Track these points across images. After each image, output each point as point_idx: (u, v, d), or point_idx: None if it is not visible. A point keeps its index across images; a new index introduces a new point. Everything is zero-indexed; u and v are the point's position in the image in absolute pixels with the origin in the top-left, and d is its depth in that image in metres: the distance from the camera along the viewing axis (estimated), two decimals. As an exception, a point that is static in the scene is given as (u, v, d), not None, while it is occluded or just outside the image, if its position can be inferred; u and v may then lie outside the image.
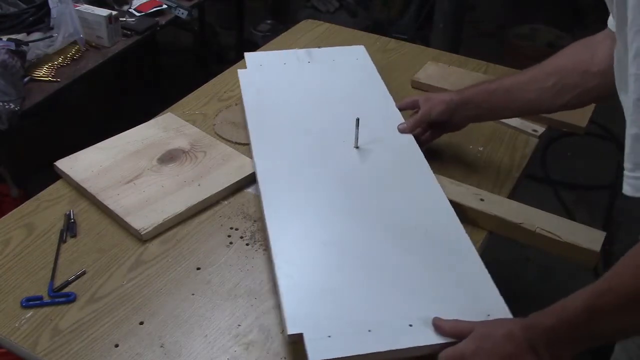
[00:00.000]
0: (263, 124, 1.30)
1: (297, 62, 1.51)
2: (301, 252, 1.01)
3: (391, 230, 1.05)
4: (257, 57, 1.52)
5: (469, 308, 0.91)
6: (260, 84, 1.42)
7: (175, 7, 2.20)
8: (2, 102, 1.59)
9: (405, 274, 0.97)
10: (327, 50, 1.58)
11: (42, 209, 1.16)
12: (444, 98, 1.24)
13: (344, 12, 3.61)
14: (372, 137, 1.25)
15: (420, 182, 1.17)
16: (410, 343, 0.86)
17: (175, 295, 1.00)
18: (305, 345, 0.85)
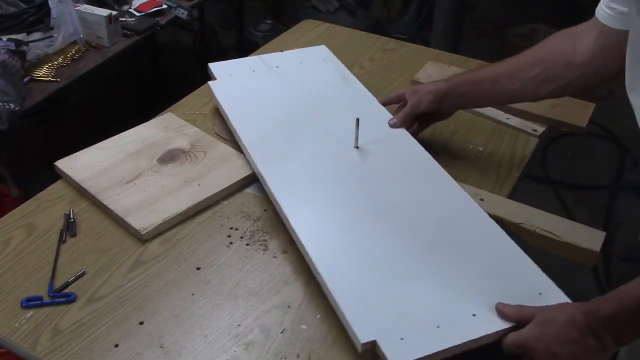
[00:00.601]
0: (254, 131, 1.26)
1: (266, 68, 1.47)
2: (341, 259, 0.99)
3: (418, 226, 1.06)
4: (223, 67, 1.46)
5: (519, 289, 0.93)
6: (237, 92, 1.38)
7: (175, 7, 2.20)
8: (2, 102, 1.59)
9: (448, 266, 0.98)
10: (291, 53, 1.55)
11: (42, 209, 1.16)
12: (431, 88, 1.25)
13: (344, 12, 3.61)
14: (369, 136, 1.24)
15: (430, 175, 1.18)
16: (480, 332, 0.87)
17: (175, 295, 1.00)
18: (383, 351, 0.85)
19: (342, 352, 0.92)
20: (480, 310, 0.90)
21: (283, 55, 1.54)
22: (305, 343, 0.93)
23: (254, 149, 1.21)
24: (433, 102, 1.24)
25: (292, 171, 1.17)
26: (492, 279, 0.96)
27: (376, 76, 1.60)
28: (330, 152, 1.22)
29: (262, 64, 1.48)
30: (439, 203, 1.11)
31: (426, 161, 1.21)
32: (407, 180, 1.16)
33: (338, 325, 0.95)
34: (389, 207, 1.09)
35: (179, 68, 3.38)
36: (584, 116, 1.42)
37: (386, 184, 1.15)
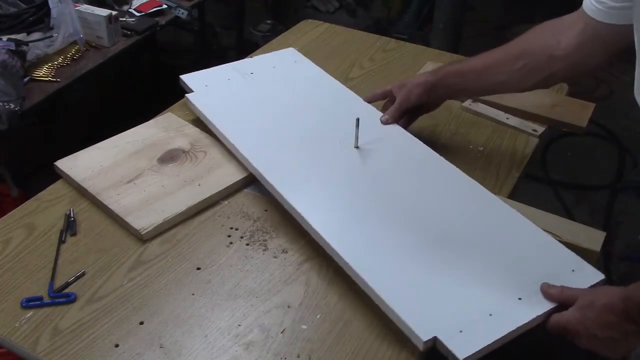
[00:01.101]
0: (247, 138, 1.24)
1: (240, 75, 1.45)
2: (378, 261, 0.99)
3: (438, 219, 1.07)
4: (197, 77, 1.43)
5: (552, 269, 0.97)
6: (218, 101, 1.36)
7: (175, 7, 2.20)
8: (2, 102, 1.59)
9: (479, 255, 1.00)
10: (262, 59, 1.54)
11: (42, 209, 1.16)
12: (419, 81, 1.26)
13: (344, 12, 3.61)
14: (365, 134, 1.24)
15: (436, 167, 1.20)
16: (530, 315, 0.90)
17: (176, 295, 1.00)
18: (447, 346, 0.86)
19: (342, 352, 0.92)
20: (524, 294, 0.93)
21: (254, 61, 1.53)
22: (305, 343, 0.93)
23: (253, 157, 1.20)
24: (423, 95, 1.26)
25: (298, 175, 1.16)
26: (524, 261, 0.99)
27: (376, 76, 1.60)
28: (332, 153, 1.22)
29: (236, 72, 1.46)
30: (452, 194, 1.13)
31: (429, 155, 1.23)
32: (416, 176, 1.17)
33: (338, 325, 0.95)
34: (405, 205, 1.10)
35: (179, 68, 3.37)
36: (584, 116, 1.43)
37: (397, 181, 1.16)
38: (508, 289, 0.94)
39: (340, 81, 1.56)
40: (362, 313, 0.98)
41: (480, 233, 1.05)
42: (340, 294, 1.01)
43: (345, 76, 1.59)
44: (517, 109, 1.44)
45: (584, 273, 0.98)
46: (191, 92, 1.39)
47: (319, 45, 1.74)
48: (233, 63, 1.50)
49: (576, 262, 1.00)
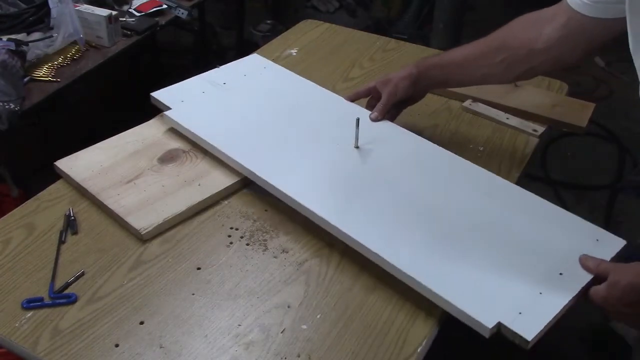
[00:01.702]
0: (240, 147, 1.23)
1: (213, 86, 1.41)
2: (420, 256, 1.01)
3: (458, 210, 1.09)
4: (169, 93, 1.38)
5: (578, 242, 1.01)
6: (200, 115, 1.32)
7: (175, 7, 2.20)
8: (2, 102, 1.59)
9: (510, 238, 1.03)
10: (230, 68, 1.49)
11: (42, 209, 1.16)
12: (403, 74, 1.28)
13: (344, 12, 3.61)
14: (351, 134, 1.24)
15: (442, 161, 1.21)
16: (576, 287, 0.94)
17: (176, 295, 1.00)
18: (512, 329, 0.89)
19: (342, 352, 0.92)
20: (563, 269, 0.97)
21: (222, 70, 1.48)
22: (305, 343, 0.93)
23: (252, 162, 1.19)
24: (409, 87, 1.28)
25: (305, 179, 1.16)
26: (550, 239, 1.03)
27: (376, 76, 1.59)
28: (333, 155, 1.22)
29: (207, 83, 1.42)
30: (464, 183, 1.15)
31: (432, 149, 1.24)
32: (424, 170, 1.19)
33: (338, 325, 0.95)
34: (421, 199, 1.12)
35: (179, 68, 3.38)
36: (584, 116, 1.43)
37: (406, 177, 1.17)
38: (546, 266, 0.97)
39: (340, 81, 1.57)
40: (363, 313, 0.98)
41: (500, 217, 1.08)
42: (340, 294, 1.01)
43: (345, 76, 1.59)
44: (517, 109, 1.44)
45: (608, 242, 1.03)
46: (167, 108, 1.34)
47: (319, 45, 1.74)
48: (202, 75, 1.45)
49: (598, 232, 1.05)
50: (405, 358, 0.91)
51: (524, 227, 1.06)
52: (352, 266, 1.05)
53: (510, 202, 1.11)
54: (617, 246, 1.03)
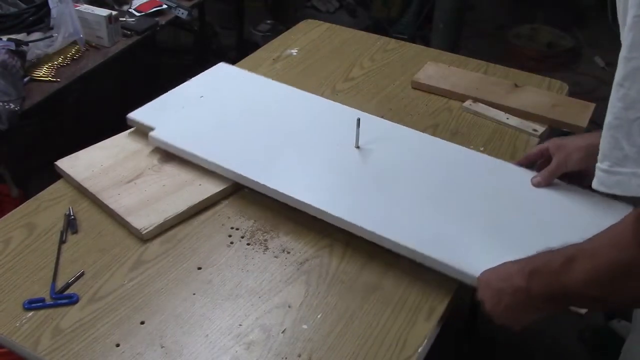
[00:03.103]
0: (238, 159, 1.20)
1: (193, 100, 1.36)
2: (438, 233, 1.06)
3: (477, 199, 1.14)
4: (147, 113, 1.31)
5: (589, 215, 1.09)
6: (188, 132, 1.27)
7: (175, 7, 2.20)
8: (2, 102, 1.59)
9: (527, 223, 1.09)
10: (200, 80, 1.44)
11: (43, 209, 1.16)
12: (580, 144, 1.13)
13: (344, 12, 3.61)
14: (346, 134, 1.25)
15: (442, 149, 1.26)
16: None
17: (176, 295, 1.00)
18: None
19: (343, 352, 0.92)
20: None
21: (194, 83, 1.43)
22: (306, 343, 0.93)
23: (257, 174, 1.17)
24: (583, 160, 1.12)
25: (308, 180, 1.16)
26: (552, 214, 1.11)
27: (376, 76, 1.60)
28: (334, 157, 1.22)
29: (186, 99, 1.37)
30: (474, 173, 1.20)
31: (432, 141, 1.29)
32: (428, 161, 1.22)
33: (339, 325, 0.95)
34: (436, 186, 1.16)
35: (179, 68, 3.38)
36: (584, 116, 1.43)
37: (417, 173, 1.19)
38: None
39: (340, 81, 1.57)
40: (363, 313, 0.98)
41: (515, 202, 1.13)
42: (341, 294, 1.01)
43: (345, 76, 1.59)
44: (517, 109, 1.44)
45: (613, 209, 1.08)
46: (149, 129, 1.27)
47: (319, 45, 1.74)
48: (174, 90, 1.40)
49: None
50: (406, 358, 0.91)
51: (540, 198, 1.13)
52: (353, 266, 1.06)
53: (518, 187, 1.16)
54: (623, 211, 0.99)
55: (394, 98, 1.50)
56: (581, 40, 3.58)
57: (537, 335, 2.01)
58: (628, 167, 0.67)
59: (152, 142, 1.26)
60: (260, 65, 1.63)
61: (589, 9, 3.75)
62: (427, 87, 1.53)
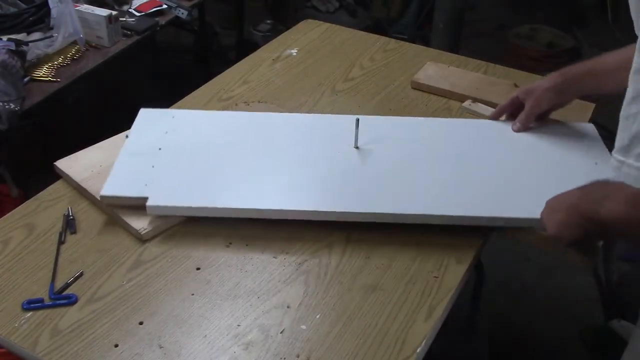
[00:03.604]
0: (248, 198, 1.13)
1: (153, 156, 1.20)
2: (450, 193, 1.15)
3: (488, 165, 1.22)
4: (120, 185, 1.13)
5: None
6: (177, 190, 1.13)
7: (175, 7, 2.21)
8: (2, 102, 1.59)
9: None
10: (142, 131, 1.27)
11: (42, 209, 1.16)
12: (547, 85, 1.25)
13: (344, 12, 3.61)
14: (338, 138, 1.26)
15: (433, 128, 1.32)
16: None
17: (175, 295, 1.00)
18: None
19: (342, 352, 0.92)
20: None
21: (137, 139, 1.25)
22: (304, 343, 0.93)
23: (275, 203, 1.12)
24: (553, 99, 1.27)
25: (316, 191, 1.15)
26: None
27: (376, 76, 1.60)
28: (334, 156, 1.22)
29: (145, 156, 1.20)
30: (465, 136, 1.30)
31: (424, 122, 1.35)
32: (428, 154, 1.24)
33: (338, 326, 0.95)
34: (448, 160, 1.22)
35: (179, 68, 3.38)
36: (584, 116, 1.42)
37: (413, 152, 1.24)
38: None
39: (340, 81, 1.57)
40: (362, 313, 0.98)
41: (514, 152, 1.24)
42: (339, 294, 1.01)
43: (345, 76, 1.59)
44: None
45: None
46: (139, 200, 1.10)
47: (319, 45, 1.74)
48: (124, 152, 1.21)
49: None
50: (405, 358, 0.91)
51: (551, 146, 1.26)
52: (352, 266, 1.06)
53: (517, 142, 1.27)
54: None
55: (393, 98, 1.50)
56: (581, 40, 3.58)
57: (537, 335, 2.01)
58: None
59: (154, 212, 1.10)
60: (260, 65, 1.63)
61: (589, 9, 3.75)
62: (427, 87, 1.53)
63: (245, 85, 1.55)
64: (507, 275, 2.19)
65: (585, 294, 2.12)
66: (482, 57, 1.69)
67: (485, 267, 1.79)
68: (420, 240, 1.10)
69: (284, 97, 1.50)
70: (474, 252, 1.09)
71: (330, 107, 1.46)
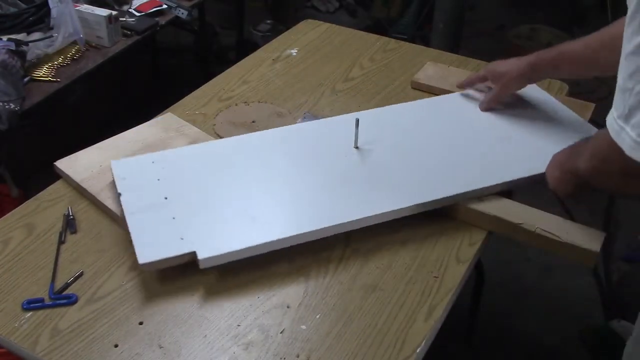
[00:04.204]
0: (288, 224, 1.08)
1: (164, 207, 1.09)
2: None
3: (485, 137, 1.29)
4: (155, 248, 1.01)
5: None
6: (217, 237, 1.04)
7: (175, 7, 2.21)
8: (2, 102, 1.59)
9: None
10: (131, 185, 1.13)
11: (42, 209, 1.16)
12: (516, 74, 1.29)
13: (344, 12, 3.61)
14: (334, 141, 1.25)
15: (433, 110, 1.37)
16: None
17: (175, 295, 1.00)
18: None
19: (341, 352, 0.92)
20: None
21: (131, 195, 1.12)
22: (304, 343, 0.93)
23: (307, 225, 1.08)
24: (521, 84, 1.33)
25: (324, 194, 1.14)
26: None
27: (376, 76, 1.60)
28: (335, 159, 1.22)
29: (152, 209, 1.09)
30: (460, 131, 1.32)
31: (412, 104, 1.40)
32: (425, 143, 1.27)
33: (338, 326, 0.95)
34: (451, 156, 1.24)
35: (179, 68, 3.38)
36: (584, 116, 1.42)
37: (425, 136, 1.29)
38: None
39: (340, 81, 1.57)
40: (362, 313, 0.98)
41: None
42: (339, 295, 1.01)
43: (345, 76, 1.59)
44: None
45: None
46: (189, 256, 1.02)
47: (319, 45, 1.74)
48: (130, 207, 1.09)
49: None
50: (404, 358, 0.91)
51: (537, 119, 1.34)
52: (352, 266, 1.06)
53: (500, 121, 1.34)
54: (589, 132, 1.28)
55: (393, 98, 1.50)
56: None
57: (537, 335, 2.01)
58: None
59: (207, 264, 1.01)
60: (260, 65, 1.63)
61: (589, 9, 3.75)
62: (427, 87, 1.53)
63: (245, 85, 1.55)
64: (507, 275, 2.19)
65: (585, 294, 2.12)
66: (482, 57, 1.69)
67: (485, 267, 1.79)
68: (420, 240, 1.10)
69: (284, 97, 1.50)
70: (474, 252, 1.09)
71: (330, 107, 1.46)
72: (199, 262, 0.99)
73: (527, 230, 1.10)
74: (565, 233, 1.08)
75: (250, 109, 1.46)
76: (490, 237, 1.14)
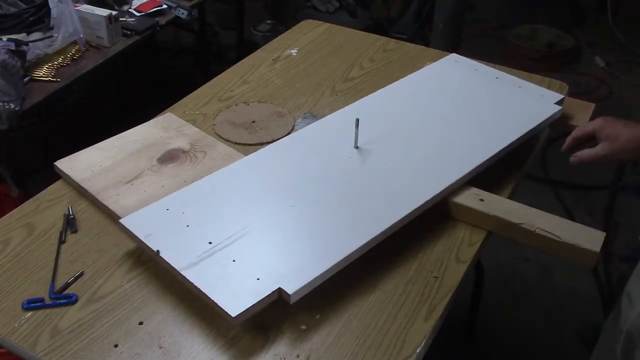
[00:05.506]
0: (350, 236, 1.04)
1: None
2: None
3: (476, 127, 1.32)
4: (228, 295, 0.93)
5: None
6: (294, 265, 0.99)
7: (175, 7, 2.21)
8: (2, 102, 1.59)
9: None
10: (154, 231, 1.03)
11: (42, 209, 1.16)
12: (632, 137, 1.12)
13: (344, 12, 3.61)
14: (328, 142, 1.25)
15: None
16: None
17: (175, 296, 1.00)
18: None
19: (341, 352, 0.92)
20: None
21: (151, 232, 1.03)
22: (304, 343, 0.93)
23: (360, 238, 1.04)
24: (636, 155, 1.14)
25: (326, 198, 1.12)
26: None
27: (376, 76, 1.60)
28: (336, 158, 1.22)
29: (208, 252, 1.00)
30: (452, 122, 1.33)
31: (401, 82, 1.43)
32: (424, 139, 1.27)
33: (337, 326, 0.95)
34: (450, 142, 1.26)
35: (179, 68, 3.38)
36: (584, 116, 1.42)
37: (425, 129, 1.28)
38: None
39: (340, 81, 1.57)
40: (362, 313, 0.98)
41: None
42: (339, 294, 1.01)
43: (345, 76, 1.59)
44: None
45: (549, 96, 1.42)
46: (284, 293, 0.95)
47: (319, 45, 1.74)
48: (180, 262, 0.98)
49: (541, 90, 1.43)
50: (404, 358, 0.91)
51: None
52: (352, 266, 1.05)
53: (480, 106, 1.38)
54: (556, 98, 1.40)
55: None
56: (581, 40, 3.58)
57: (537, 335, 2.01)
58: None
59: (298, 297, 0.95)
60: (260, 65, 1.63)
61: (589, 9, 3.75)
62: (427, 87, 1.53)
63: (245, 85, 1.55)
64: (507, 275, 2.19)
65: (585, 294, 2.13)
66: (482, 57, 1.69)
67: (485, 267, 1.79)
68: (420, 240, 1.10)
69: (284, 97, 1.51)
70: (474, 252, 1.09)
71: (330, 107, 1.46)
72: (290, 298, 0.93)
73: (527, 230, 1.09)
74: (565, 233, 1.08)
75: (250, 109, 1.46)
76: (490, 237, 1.14)
